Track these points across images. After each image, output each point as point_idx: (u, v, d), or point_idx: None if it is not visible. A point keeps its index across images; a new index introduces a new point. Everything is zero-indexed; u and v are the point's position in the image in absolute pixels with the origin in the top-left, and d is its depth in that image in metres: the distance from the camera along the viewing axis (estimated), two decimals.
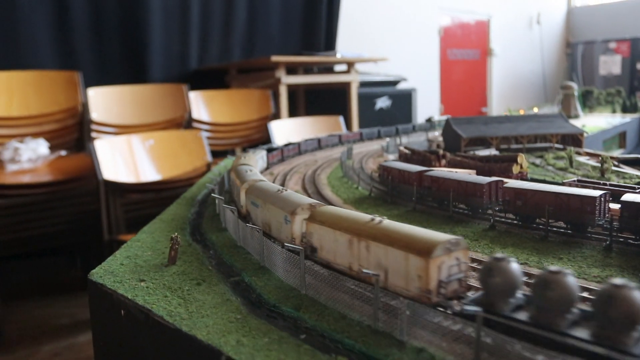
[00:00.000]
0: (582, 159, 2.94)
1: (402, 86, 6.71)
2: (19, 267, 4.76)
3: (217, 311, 1.25)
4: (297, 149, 3.51)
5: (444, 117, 4.74)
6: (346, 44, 6.89)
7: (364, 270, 1.16)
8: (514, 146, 3.35)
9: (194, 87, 5.31)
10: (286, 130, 5.06)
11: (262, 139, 5.30)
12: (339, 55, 5.72)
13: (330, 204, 2.19)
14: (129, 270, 1.53)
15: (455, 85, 8.73)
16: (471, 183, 1.91)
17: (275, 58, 5.07)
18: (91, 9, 5.09)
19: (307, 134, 4.72)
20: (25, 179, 4.19)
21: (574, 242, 1.65)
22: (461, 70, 8.79)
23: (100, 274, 1.51)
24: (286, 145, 3.47)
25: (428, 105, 7.76)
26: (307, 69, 6.15)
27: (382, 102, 6.25)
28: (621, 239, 1.61)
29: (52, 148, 4.49)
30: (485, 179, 1.90)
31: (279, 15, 6.31)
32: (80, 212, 4.40)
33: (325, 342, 1.09)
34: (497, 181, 1.88)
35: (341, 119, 5.49)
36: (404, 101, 6.36)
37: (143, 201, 4.40)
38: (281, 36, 6.38)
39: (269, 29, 6.28)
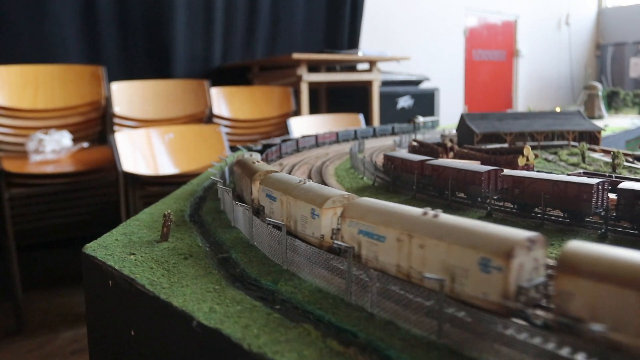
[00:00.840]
0: (597, 155, 2.88)
1: (425, 86, 6.67)
2: (40, 257, 4.88)
3: (198, 282, 1.27)
4: (278, 151, 3.28)
5: (430, 119, 4.53)
6: (370, 43, 6.89)
7: None
8: (530, 143, 3.29)
9: (217, 84, 5.38)
10: (305, 126, 5.08)
11: (281, 136, 5.33)
12: (360, 54, 5.73)
13: None
14: (122, 245, 1.57)
15: (480, 86, 8.64)
16: (470, 171, 1.89)
17: (296, 55, 5.11)
18: (117, 6, 5.21)
19: (325, 130, 4.73)
20: (48, 169, 4.30)
21: (570, 231, 1.62)
22: (486, 71, 8.69)
23: (93, 247, 1.55)
24: (269, 147, 3.29)
25: (452, 106, 7.69)
26: (330, 67, 6.17)
27: (404, 102, 6.22)
28: (619, 229, 1.58)
29: (76, 140, 4.60)
30: (484, 168, 1.89)
31: (303, 13, 6.35)
32: (101, 203, 4.49)
33: (296, 313, 1.10)
34: (496, 170, 1.86)
35: (361, 116, 5.49)
36: (426, 101, 6.32)
37: (161, 194, 4.47)
38: (304, 34, 6.42)
39: (293, 27, 6.32)
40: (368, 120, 5.74)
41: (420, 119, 4.39)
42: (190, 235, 1.64)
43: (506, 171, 1.82)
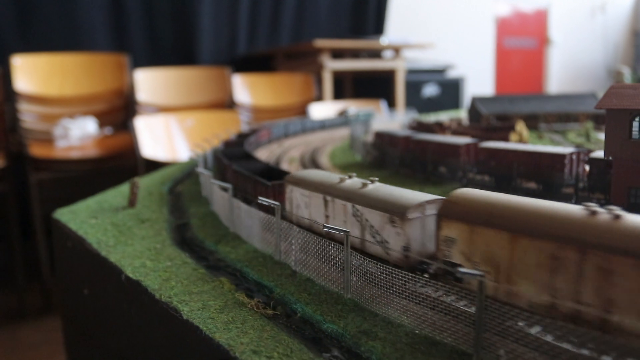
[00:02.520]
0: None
1: (452, 74, 6.54)
2: None
3: (143, 242, 1.29)
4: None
5: (363, 111, 3.98)
6: (397, 30, 6.80)
7: None
8: (542, 125, 3.19)
9: (242, 72, 5.42)
10: (324, 112, 5.06)
11: None
12: (385, 41, 5.65)
13: (318, 168, 2.18)
14: (91, 210, 1.60)
15: (511, 75, 8.40)
16: (449, 144, 1.85)
17: (318, 43, 5.09)
18: None
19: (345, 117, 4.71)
20: (74, 154, 4.44)
21: None
22: (518, 59, 8.44)
23: (62, 212, 1.59)
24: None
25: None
26: (355, 54, 6.12)
27: (430, 90, 6.12)
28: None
29: (101, 126, 4.73)
30: (463, 140, 1.84)
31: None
32: None
33: (224, 269, 1.11)
34: (475, 142, 1.81)
35: (383, 103, 5.43)
36: (452, 89, 6.21)
37: None
38: (329, 20, 6.38)
39: (318, 13, 6.30)
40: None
41: (352, 111, 3.81)
42: (158, 204, 1.67)
43: (483, 143, 1.77)
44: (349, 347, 0.79)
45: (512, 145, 1.71)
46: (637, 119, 1.23)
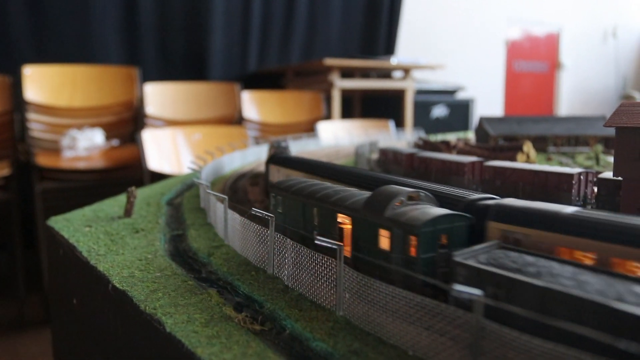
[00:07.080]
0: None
1: (461, 96, 6.53)
2: None
3: (134, 251, 1.25)
4: None
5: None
6: (407, 51, 6.82)
7: None
8: (550, 147, 3.14)
9: (252, 89, 5.43)
10: (332, 131, 5.05)
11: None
12: (394, 61, 5.65)
13: None
14: (86, 219, 1.57)
15: (521, 98, 8.37)
16: (454, 162, 1.81)
17: (328, 61, 5.09)
18: (157, 11, 5.36)
19: (353, 135, 4.69)
20: (80, 165, 4.44)
21: None
22: (528, 82, 8.41)
23: (56, 220, 1.56)
24: None
25: None
26: (365, 73, 6.12)
27: (439, 111, 6.10)
28: None
29: (109, 138, 4.74)
30: (468, 159, 1.80)
31: (340, 19, 6.35)
32: None
33: (215, 282, 1.07)
34: (480, 161, 1.77)
35: (391, 122, 5.40)
36: (461, 111, 6.18)
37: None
38: (340, 40, 6.41)
39: (329, 33, 6.32)
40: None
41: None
42: (155, 215, 1.64)
43: (489, 162, 1.73)
44: None
45: (518, 164, 1.67)
46: None
